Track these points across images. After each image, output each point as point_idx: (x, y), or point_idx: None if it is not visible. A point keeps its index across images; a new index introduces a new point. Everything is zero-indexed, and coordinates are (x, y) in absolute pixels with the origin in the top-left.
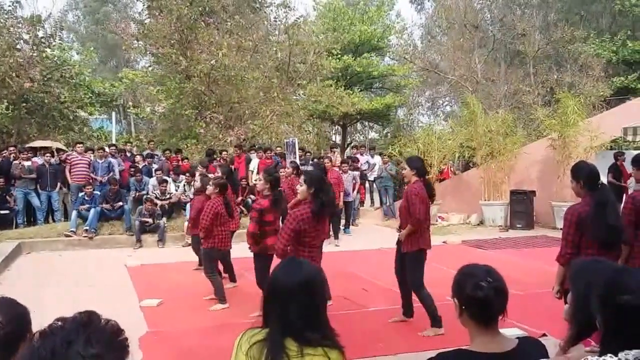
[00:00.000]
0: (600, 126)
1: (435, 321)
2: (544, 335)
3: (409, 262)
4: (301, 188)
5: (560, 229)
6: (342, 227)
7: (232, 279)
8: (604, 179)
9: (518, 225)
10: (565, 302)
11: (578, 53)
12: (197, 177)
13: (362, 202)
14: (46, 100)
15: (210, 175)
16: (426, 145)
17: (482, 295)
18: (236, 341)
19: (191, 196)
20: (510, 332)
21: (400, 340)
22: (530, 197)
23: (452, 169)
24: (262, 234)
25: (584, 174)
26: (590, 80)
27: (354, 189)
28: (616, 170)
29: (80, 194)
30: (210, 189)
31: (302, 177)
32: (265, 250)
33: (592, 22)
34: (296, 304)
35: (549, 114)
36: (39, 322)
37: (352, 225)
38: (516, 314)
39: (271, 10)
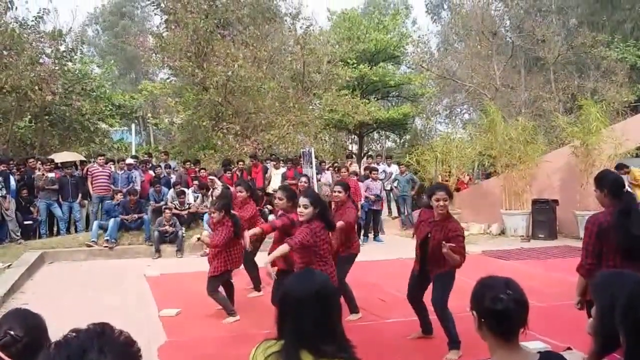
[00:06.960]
0: (624, 133)
1: (455, 343)
2: (569, 349)
3: (443, 280)
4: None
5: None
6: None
7: (257, 287)
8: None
9: (540, 235)
10: (588, 314)
11: (601, 58)
12: (218, 187)
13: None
14: (68, 113)
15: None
16: (444, 154)
17: (501, 308)
18: (252, 352)
19: (208, 206)
20: (534, 345)
21: (419, 353)
22: (552, 207)
23: (470, 177)
24: None
25: (608, 182)
26: (614, 86)
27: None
28: None
29: (107, 201)
30: (215, 215)
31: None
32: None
33: (613, 27)
34: (310, 315)
35: (571, 121)
36: (61, 330)
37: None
38: (540, 326)
39: (285, 21)
